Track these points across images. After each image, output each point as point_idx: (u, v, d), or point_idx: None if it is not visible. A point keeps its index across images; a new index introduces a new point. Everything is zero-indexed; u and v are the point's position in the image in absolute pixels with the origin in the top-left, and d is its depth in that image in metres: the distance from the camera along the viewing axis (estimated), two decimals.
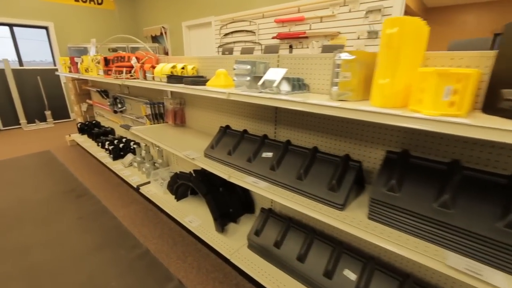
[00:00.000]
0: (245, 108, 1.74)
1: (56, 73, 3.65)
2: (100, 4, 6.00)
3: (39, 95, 5.31)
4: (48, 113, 5.26)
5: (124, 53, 2.13)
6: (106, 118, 3.74)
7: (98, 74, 2.58)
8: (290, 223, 1.46)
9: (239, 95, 1.16)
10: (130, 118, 3.02)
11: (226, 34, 4.45)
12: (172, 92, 2.34)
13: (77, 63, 3.04)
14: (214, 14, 4.58)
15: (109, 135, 3.58)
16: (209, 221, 1.82)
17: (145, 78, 2.01)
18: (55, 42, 5.49)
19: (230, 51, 1.91)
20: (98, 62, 2.55)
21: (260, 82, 1.21)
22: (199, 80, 1.61)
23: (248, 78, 1.39)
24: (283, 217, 1.52)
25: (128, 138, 3.30)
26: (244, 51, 1.85)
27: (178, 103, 2.17)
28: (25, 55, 5.39)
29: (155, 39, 6.27)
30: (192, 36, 5.36)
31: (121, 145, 2.99)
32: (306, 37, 3.40)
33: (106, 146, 3.14)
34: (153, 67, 1.94)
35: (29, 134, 4.68)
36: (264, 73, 1.45)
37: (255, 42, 4.02)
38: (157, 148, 2.57)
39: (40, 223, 2.09)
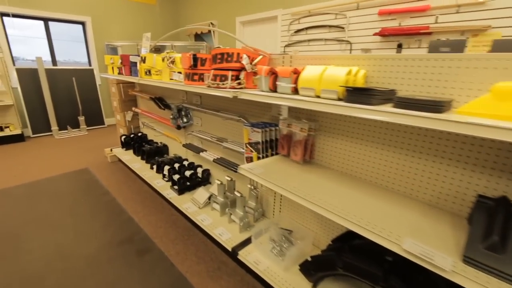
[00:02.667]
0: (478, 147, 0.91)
1: (102, 75, 2.97)
2: None
3: (73, 99, 4.70)
4: (81, 119, 4.65)
5: (230, 48, 1.37)
6: (159, 132, 3.01)
7: (172, 79, 1.83)
8: None
9: None
10: (199, 137, 2.26)
11: (298, 31, 3.65)
12: (289, 109, 1.54)
13: (134, 63, 2.32)
14: (282, 7, 3.79)
15: (165, 155, 2.85)
16: None
17: (273, 88, 1.22)
18: (91, 39, 4.89)
19: (459, 47, 1.09)
20: (173, 62, 1.80)
21: None
22: (430, 103, 0.79)
23: None
24: None
25: (190, 161, 2.54)
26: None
27: (313, 129, 1.37)
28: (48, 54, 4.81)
29: (198, 37, 5.57)
30: (247, 33, 4.61)
31: (187, 172, 2.23)
32: (429, 34, 2.54)
33: (165, 172, 2.39)
34: (295, 73, 1.15)
35: (62, 144, 4.05)
36: None
37: (342, 40, 3.20)
38: (251, 187, 1.78)
39: None
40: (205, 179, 2.33)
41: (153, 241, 1.85)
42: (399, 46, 2.76)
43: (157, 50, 4.93)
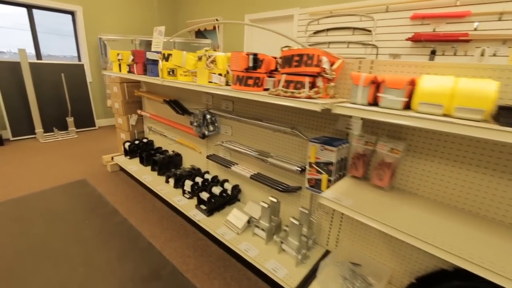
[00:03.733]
0: None
1: (106, 73, 2.57)
2: None
3: (60, 97, 4.20)
4: (70, 120, 4.15)
5: (308, 49, 1.11)
6: (171, 139, 2.67)
7: (212, 82, 1.54)
8: None
9: None
10: (231, 148, 1.97)
11: (317, 32, 3.45)
12: (364, 124, 1.31)
13: (152, 60, 1.98)
14: (300, 6, 3.58)
15: (181, 167, 2.52)
16: None
17: (372, 101, 0.99)
18: (82, 31, 4.40)
19: None
20: (213, 62, 1.51)
21: None
22: None
23: None
24: None
25: (212, 173, 2.24)
26: None
27: (397, 148, 1.14)
28: (29, 46, 4.27)
29: (199, 34, 5.22)
30: (256, 32, 4.34)
31: (215, 189, 1.93)
32: (467, 41, 2.42)
33: (187, 187, 2.08)
34: (410, 84, 0.91)
35: (49, 149, 3.56)
36: None
37: (368, 44, 3.03)
38: (304, 211, 1.53)
39: None
40: (234, 196, 2.04)
41: (185, 276, 1.55)
42: (433, 52, 2.63)
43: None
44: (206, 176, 2.22)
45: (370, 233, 1.38)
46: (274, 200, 1.65)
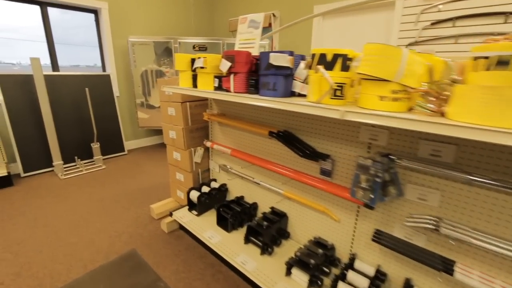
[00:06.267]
0: None
1: (167, 88, 1.64)
2: None
3: (83, 118, 3.31)
4: (96, 146, 3.25)
5: None
6: (268, 190, 1.73)
7: None
8: None
9: None
10: (447, 234, 1.02)
11: (435, 23, 2.50)
12: None
13: (276, 68, 1.06)
14: None
15: (288, 236, 1.58)
16: None
17: None
18: (107, 34, 3.52)
19: None
20: None
21: None
22: None
23: None
24: None
25: (368, 260, 1.29)
26: None
27: None
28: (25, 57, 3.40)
29: None
30: (328, 26, 3.42)
31: None
32: None
33: None
34: None
35: (72, 189, 2.66)
36: None
37: None
38: None
39: None
40: None
41: None
42: None
43: (203, 48, 3.66)
44: (359, 265, 1.28)
45: None
46: None
